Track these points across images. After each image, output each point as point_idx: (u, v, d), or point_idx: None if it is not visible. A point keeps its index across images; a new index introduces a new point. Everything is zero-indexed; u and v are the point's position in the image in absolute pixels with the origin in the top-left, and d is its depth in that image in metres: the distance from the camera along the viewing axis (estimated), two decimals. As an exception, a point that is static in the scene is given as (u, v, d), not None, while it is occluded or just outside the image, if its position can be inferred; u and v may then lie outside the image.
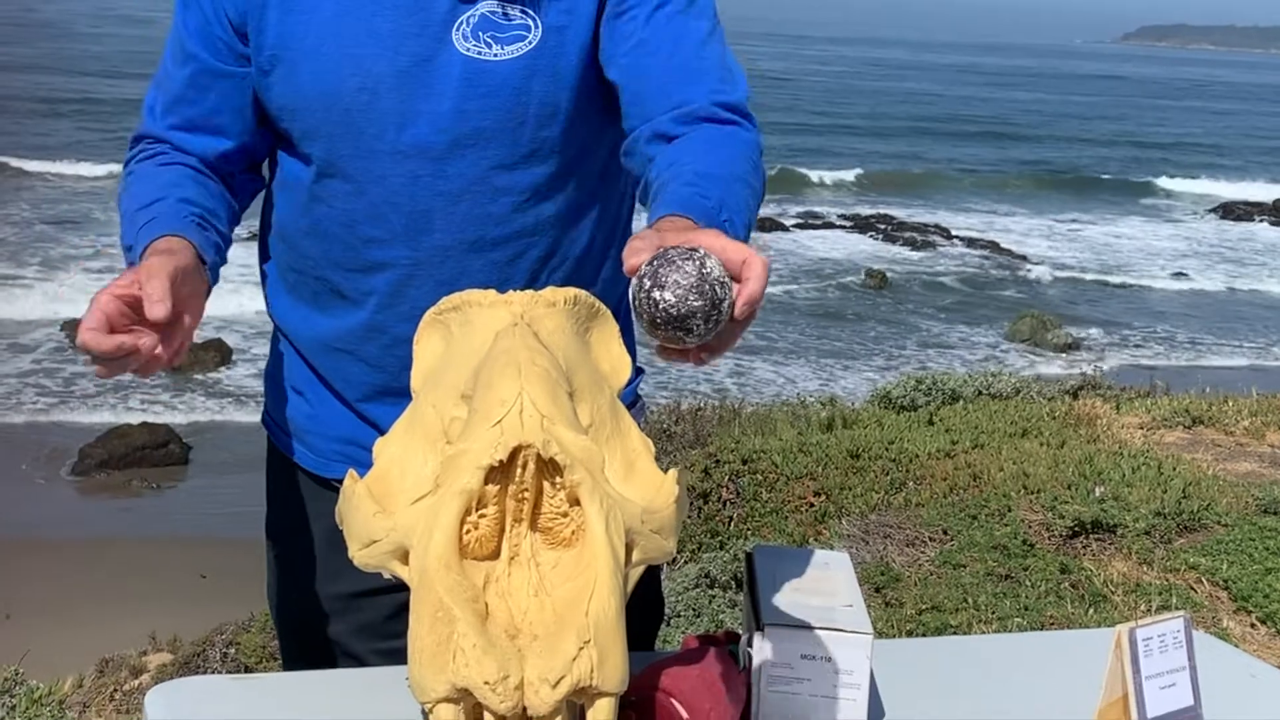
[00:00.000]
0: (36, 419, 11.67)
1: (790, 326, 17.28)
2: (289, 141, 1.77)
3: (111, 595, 7.47)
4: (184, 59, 1.77)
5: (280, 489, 1.99)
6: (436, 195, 1.71)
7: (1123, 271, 23.19)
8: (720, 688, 1.47)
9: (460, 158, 1.70)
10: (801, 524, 5.29)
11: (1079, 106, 57.13)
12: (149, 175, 1.75)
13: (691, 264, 1.17)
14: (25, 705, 2.92)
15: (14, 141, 26.14)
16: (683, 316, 1.16)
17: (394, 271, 1.71)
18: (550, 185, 1.76)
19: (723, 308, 1.17)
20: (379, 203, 1.72)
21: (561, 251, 1.80)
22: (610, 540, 1.27)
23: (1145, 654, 1.57)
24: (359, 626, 1.85)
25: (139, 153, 1.80)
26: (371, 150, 1.70)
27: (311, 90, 1.70)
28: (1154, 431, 6.26)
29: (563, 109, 1.72)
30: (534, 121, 1.71)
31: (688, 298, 1.16)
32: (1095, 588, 4.40)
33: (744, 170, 1.60)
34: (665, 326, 1.17)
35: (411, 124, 1.69)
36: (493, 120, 1.69)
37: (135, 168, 1.78)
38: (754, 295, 1.24)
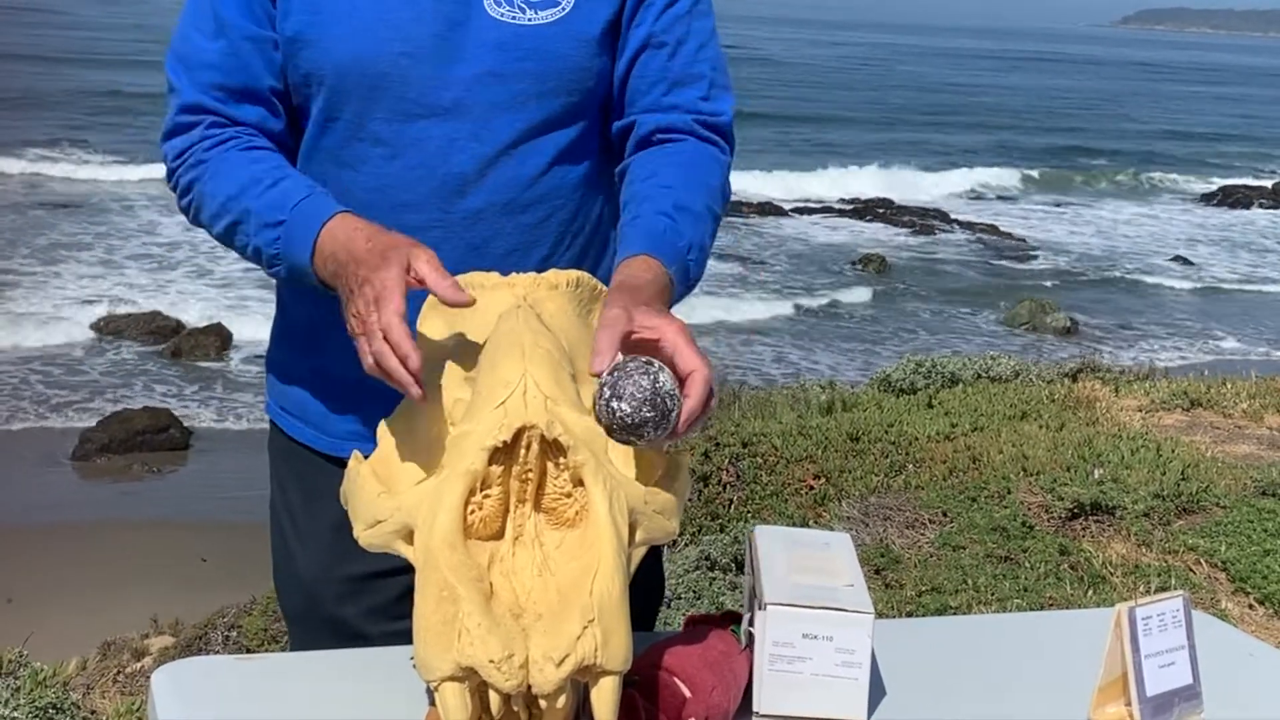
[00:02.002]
0: (38, 404, 11.68)
1: (789, 311, 17.27)
2: (312, 109, 1.76)
3: (113, 579, 7.49)
4: (218, 30, 1.72)
5: (285, 472, 1.98)
6: (471, 158, 1.72)
7: (1121, 256, 23.19)
8: (723, 667, 1.48)
9: (495, 121, 1.72)
10: (801, 507, 5.30)
11: (1079, 90, 57.06)
12: (243, 159, 1.70)
13: (647, 379, 1.32)
14: (30, 687, 2.94)
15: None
16: (635, 425, 1.31)
17: (424, 236, 1.70)
18: (576, 149, 1.79)
19: (671, 417, 1.33)
20: (414, 166, 1.72)
21: (582, 217, 1.83)
22: (614, 520, 1.28)
23: (1144, 633, 1.58)
24: (369, 609, 1.85)
25: (205, 139, 1.73)
26: (407, 114, 1.71)
27: (345, 55, 1.70)
28: (1153, 414, 6.27)
29: (593, 73, 1.77)
30: (566, 85, 1.75)
31: (641, 409, 1.31)
32: (1094, 569, 4.42)
33: (713, 201, 1.75)
34: (620, 432, 1.32)
35: (447, 88, 1.70)
36: (527, 84, 1.72)
37: (211, 154, 1.72)
38: (693, 411, 1.37)
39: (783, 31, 79.93)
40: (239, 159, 1.70)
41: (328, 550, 1.87)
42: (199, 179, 1.72)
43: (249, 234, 1.67)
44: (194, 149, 1.73)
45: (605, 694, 1.24)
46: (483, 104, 1.71)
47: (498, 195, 1.75)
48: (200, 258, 17.53)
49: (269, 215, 1.64)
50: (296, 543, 1.94)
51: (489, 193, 1.74)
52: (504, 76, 1.71)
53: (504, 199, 1.75)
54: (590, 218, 1.85)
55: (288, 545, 1.96)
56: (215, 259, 17.44)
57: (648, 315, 1.44)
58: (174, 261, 17.41)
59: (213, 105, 1.73)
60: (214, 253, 17.75)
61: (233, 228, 1.69)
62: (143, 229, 19.24)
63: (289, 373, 1.93)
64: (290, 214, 1.63)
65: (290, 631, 2.03)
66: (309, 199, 1.64)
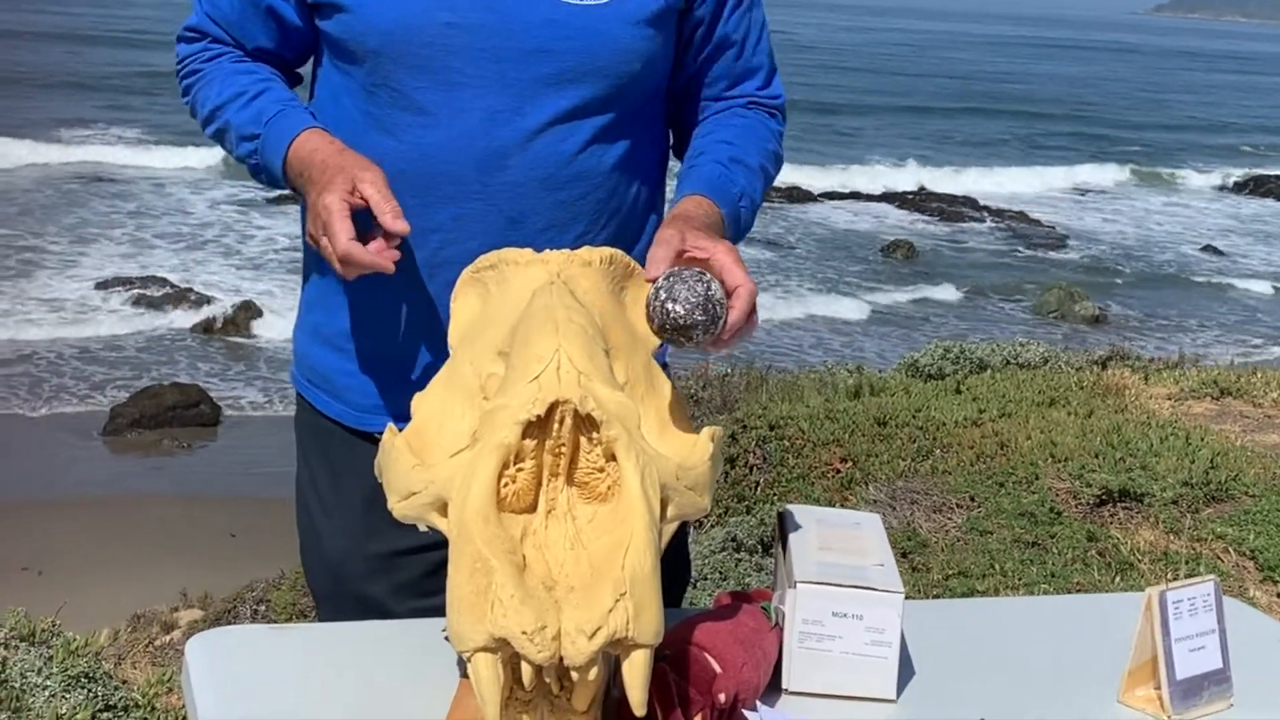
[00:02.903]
0: (68, 379, 11.75)
1: (818, 295, 17.23)
2: (351, 71, 1.79)
3: (143, 553, 7.53)
4: None
5: (311, 447, 1.98)
6: (513, 132, 1.73)
7: (1152, 245, 23.05)
8: (753, 644, 1.49)
9: (539, 97, 1.73)
10: (828, 490, 5.30)
11: (1112, 80, 56.67)
12: (231, 71, 1.84)
13: (700, 285, 1.43)
14: (62, 656, 2.97)
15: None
16: (686, 327, 1.42)
17: (463, 206, 1.72)
18: (615, 131, 1.80)
19: (719, 323, 1.44)
20: (455, 136, 1.73)
21: (618, 199, 1.84)
22: (646, 495, 1.29)
23: (1175, 616, 1.58)
24: (396, 586, 1.86)
25: (203, 50, 1.87)
26: (452, 84, 1.72)
27: (391, 23, 1.72)
28: (1182, 402, 6.24)
29: (640, 57, 1.77)
30: (612, 68, 1.75)
31: (694, 312, 1.42)
32: (1122, 556, 4.41)
33: (767, 160, 1.87)
34: (671, 332, 1.43)
35: (495, 62, 1.72)
36: (574, 63, 1.73)
37: (206, 66, 1.86)
38: (737, 321, 1.50)
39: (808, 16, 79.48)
40: (229, 70, 1.84)
41: (354, 527, 1.88)
42: (194, 85, 1.87)
43: (232, 144, 1.81)
44: (193, 58, 1.88)
45: (637, 667, 1.25)
46: (528, 79, 1.72)
47: (536, 170, 1.75)
48: (230, 236, 17.60)
49: (247, 129, 1.78)
50: (324, 520, 1.94)
51: (528, 167, 1.75)
52: (552, 54, 1.72)
53: (542, 174, 1.76)
54: (626, 199, 1.86)
55: (314, 522, 1.97)
56: (244, 238, 17.52)
57: (699, 236, 1.57)
58: (203, 240, 17.48)
59: (213, 32, 1.87)
60: (243, 232, 17.84)
61: (220, 134, 1.84)
62: (174, 208, 19.33)
63: (315, 345, 1.94)
64: (264, 129, 1.75)
65: (319, 609, 2.03)
66: (280, 114, 1.76)
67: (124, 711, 2.90)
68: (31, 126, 23.49)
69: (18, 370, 11.72)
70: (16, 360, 12.00)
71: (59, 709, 2.79)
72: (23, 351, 12.28)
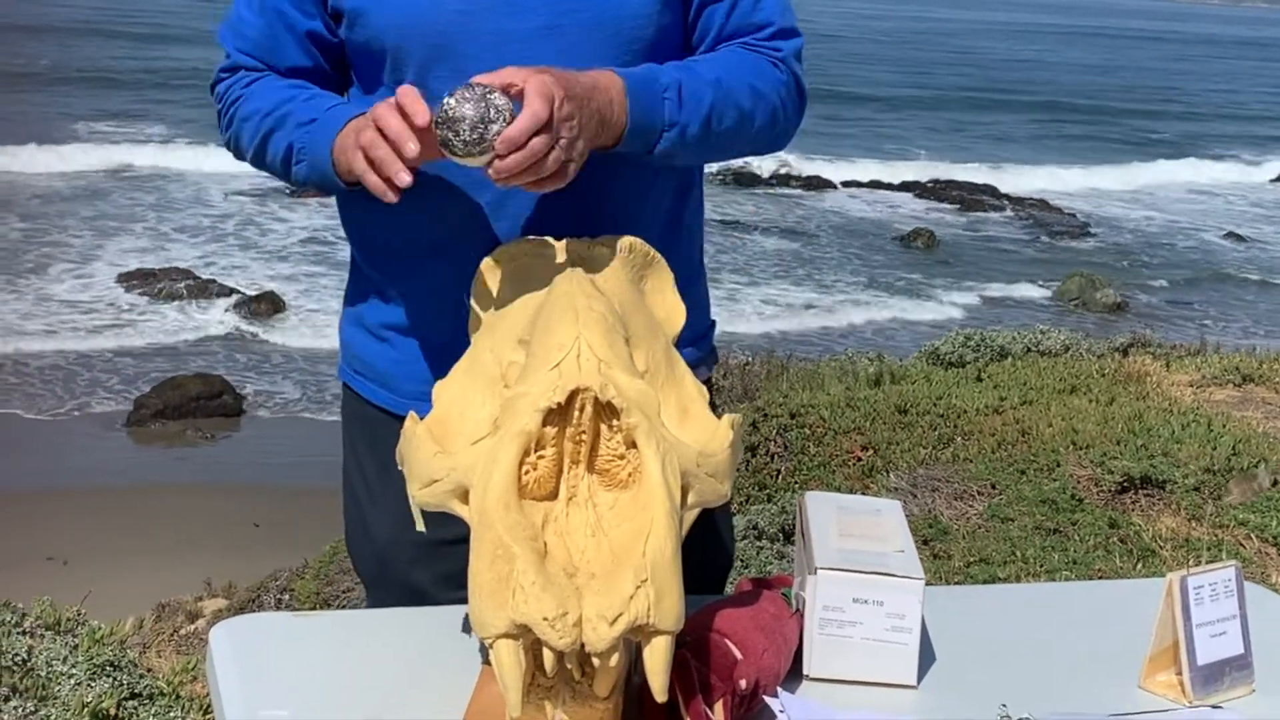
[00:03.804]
0: (92, 370, 11.81)
1: (838, 284, 17.21)
2: (373, 75, 1.80)
3: (167, 542, 7.57)
4: (261, 8, 1.84)
5: (358, 436, 1.99)
6: None
7: (1175, 232, 22.94)
8: (774, 630, 1.50)
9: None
10: (849, 478, 5.30)
11: (1133, 68, 56.36)
12: (273, 86, 1.84)
13: (482, 89, 1.49)
14: (87, 645, 2.99)
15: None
16: (454, 119, 1.47)
17: (492, 191, 1.73)
18: None
19: (489, 126, 1.48)
20: None
21: (640, 174, 1.82)
22: (666, 482, 1.29)
23: (1196, 602, 1.58)
24: (440, 575, 1.85)
25: (240, 78, 1.87)
26: (468, 71, 1.71)
27: (404, 18, 1.73)
28: (1204, 389, 6.21)
29: (652, 24, 1.77)
30: (625, 38, 1.75)
31: (462, 106, 1.48)
32: (1144, 542, 4.40)
33: (734, 82, 1.76)
34: (441, 125, 1.48)
35: (507, 43, 1.72)
36: (585, 36, 1.74)
37: (246, 90, 1.85)
38: (511, 137, 1.49)
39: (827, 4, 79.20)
40: (276, 83, 1.84)
41: (401, 514, 1.88)
42: (237, 110, 1.85)
43: (283, 137, 1.78)
44: (232, 88, 1.87)
45: (658, 653, 1.25)
46: (543, 58, 1.71)
47: None
48: (251, 229, 17.65)
49: (304, 115, 1.77)
50: (371, 507, 1.95)
51: None
52: (562, 29, 1.73)
53: None
54: (647, 174, 1.84)
55: (361, 509, 1.98)
56: (265, 231, 17.56)
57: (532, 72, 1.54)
58: (224, 233, 17.53)
59: (246, 64, 1.87)
60: (264, 225, 17.88)
61: (268, 135, 1.80)
62: (195, 200, 19.38)
63: (361, 334, 1.95)
64: (324, 114, 1.74)
65: (367, 594, 2.05)
66: (341, 105, 1.77)
67: (149, 700, 2.91)
68: (52, 122, 23.59)
69: (45, 363, 11.79)
70: (40, 353, 12.06)
71: (84, 697, 2.81)
72: (45, 344, 12.34)
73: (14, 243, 15.80)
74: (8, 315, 12.88)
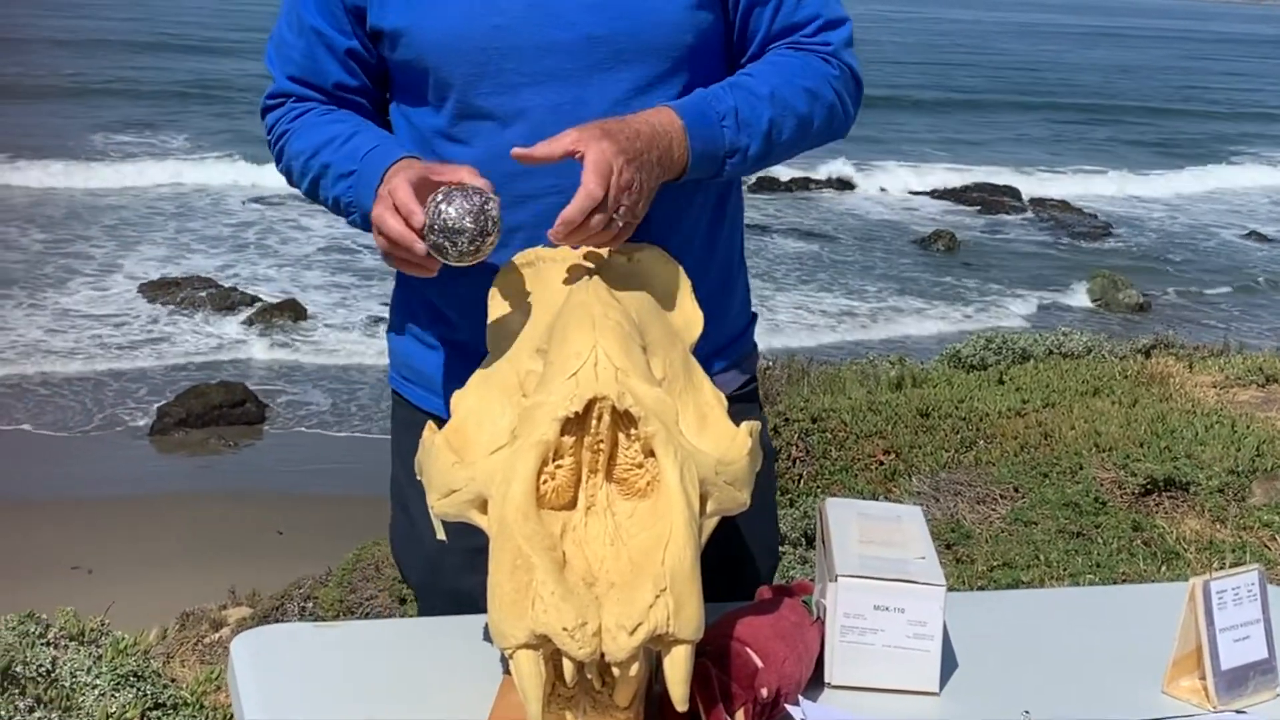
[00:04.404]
0: (115, 379, 11.86)
1: (859, 287, 17.17)
2: (418, 93, 1.82)
3: (191, 551, 7.58)
4: (300, 30, 1.86)
5: (407, 444, 1.98)
6: (578, 122, 1.71)
7: (1198, 232, 22.83)
8: (794, 638, 1.49)
9: (597, 83, 1.75)
10: (871, 482, 5.29)
11: (1154, 69, 56.12)
12: (314, 125, 1.85)
13: (479, 198, 1.50)
14: (111, 655, 3.00)
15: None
16: (454, 230, 1.48)
17: (541, 203, 1.73)
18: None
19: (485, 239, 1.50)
20: (523, 135, 1.73)
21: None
22: (685, 490, 1.29)
23: (1219, 606, 1.57)
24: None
25: (288, 111, 1.89)
26: (511, 85, 1.74)
27: (444, 36, 1.74)
28: (1227, 390, 6.18)
29: (690, 28, 1.77)
30: (664, 43, 1.76)
31: (463, 219, 1.48)
32: (1168, 545, 4.38)
33: (790, 92, 1.77)
34: (439, 233, 1.49)
35: (547, 54, 1.73)
36: (624, 44, 1.74)
37: (293, 125, 1.88)
38: (566, 218, 1.53)
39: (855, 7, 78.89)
40: (317, 121, 1.85)
41: (448, 521, 1.89)
42: (286, 145, 1.88)
43: (328, 186, 1.81)
44: (280, 121, 1.89)
45: (678, 662, 1.25)
46: (583, 68, 1.73)
47: None
48: (271, 238, 17.71)
49: (343, 166, 1.77)
50: (423, 517, 1.96)
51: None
52: (601, 39, 1.73)
53: None
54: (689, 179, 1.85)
55: (411, 516, 1.98)
56: (286, 239, 17.61)
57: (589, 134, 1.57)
58: (245, 241, 17.59)
59: (295, 91, 1.89)
60: (285, 233, 17.94)
61: (315, 183, 1.83)
62: (215, 209, 19.45)
63: (410, 343, 1.97)
64: (360, 164, 1.75)
65: (418, 602, 2.06)
66: (377, 149, 1.75)
67: (173, 710, 2.92)
68: (72, 133, 23.71)
69: (69, 373, 11.84)
70: (62, 363, 12.11)
71: (108, 708, 2.82)
72: (68, 356, 12.40)
73: (35, 254, 15.88)
74: (30, 329, 12.94)
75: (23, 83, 28.01)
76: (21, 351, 12.16)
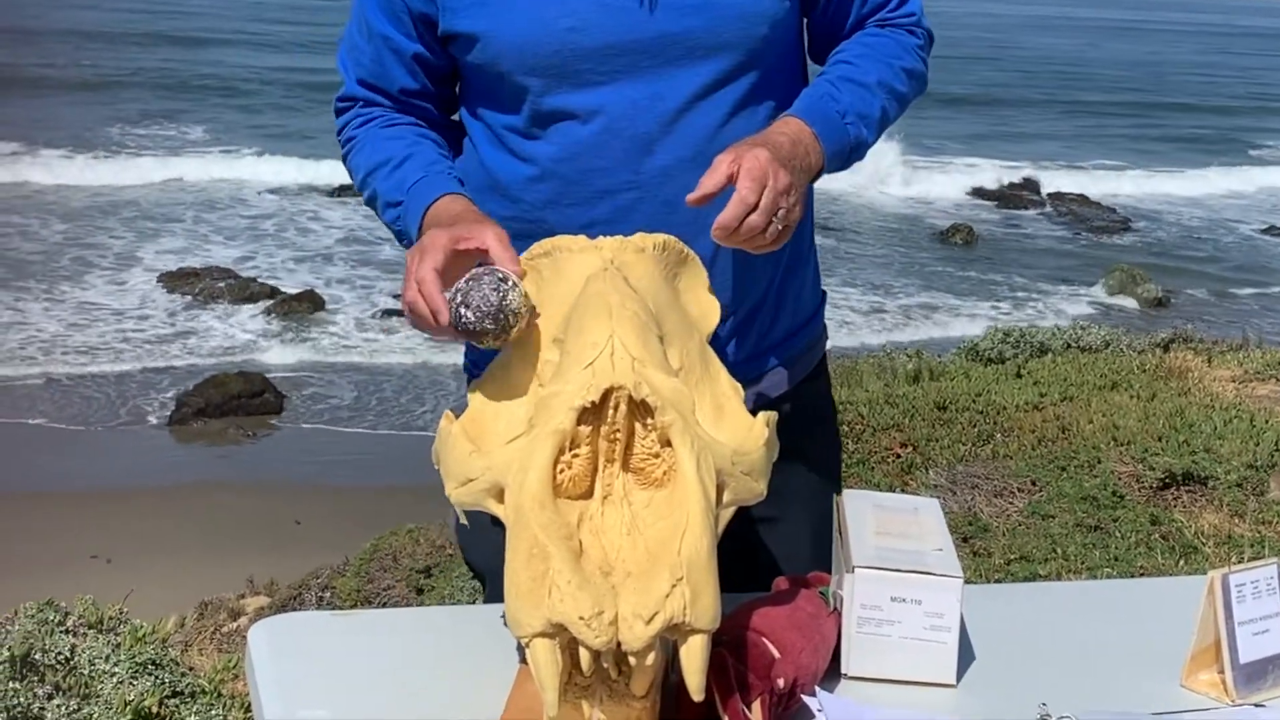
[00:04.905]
0: (134, 369, 11.91)
1: (876, 281, 17.15)
2: (493, 95, 1.82)
3: (210, 540, 7.62)
4: (369, 35, 1.88)
5: None
6: (654, 117, 1.75)
7: (1217, 226, 22.73)
8: (811, 629, 1.49)
9: (673, 78, 1.75)
10: (888, 474, 5.28)
11: (1170, 63, 55.85)
12: (371, 142, 1.88)
13: (496, 295, 1.48)
14: (130, 643, 3.01)
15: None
16: (476, 333, 1.49)
17: (618, 198, 1.75)
18: (756, 96, 1.81)
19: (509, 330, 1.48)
20: (600, 132, 1.76)
21: None
22: (702, 480, 1.29)
23: (1238, 600, 1.56)
24: None
25: (354, 117, 1.92)
26: (587, 84, 1.75)
27: (518, 41, 1.75)
28: (1246, 384, 6.16)
29: (766, 20, 1.78)
30: (738, 35, 1.76)
31: (483, 321, 1.47)
32: (1186, 539, 4.36)
33: (892, 76, 1.84)
34: (462, 334, 1.51)
35: (621, 53, 1.74)
36: (699, 38, 1.75)
37: (357, 134, 1.91)
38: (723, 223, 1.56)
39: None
40: (378, 136, 1.89)
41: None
42: (351, 154, 1.92)
43: (380, 210, 1.85)
44: (348, 127, 1.93)
45: (694, 652, 1.25)
46: (659, 64, 1.74)
47: (684, 150, 1.77)
48: (290, 230, 17.75)
49: (391, 196, 1.81)
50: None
51: (675, 148, 1.77)
52: (675, 34, 1.74)
53: (690, 153, 1.76)
54: None
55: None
56: (304, 231, 17.66)
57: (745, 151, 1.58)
58: (263, 233, 17.64)
59: (362, 95, 1.92)
60: (302, 225, 17.98)
61: (372, 202, 1.88)
62: (234, 201, 19.50)
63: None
64: (406, 195, 1.78)
65: (485, 588, 2.06)
66: (421, 180, 1.78)
67: (190, 698, 2.93)
68: (90, 126, 23.77)
69: (88, 364, 11.89)
70: (83, 354, 12.17)
71: (127, 696, 2.83)
72: (87, 342, 12.45)
73: (53, 246, 15.95)
74: (50, 323, 12.99)
75: (40, 75, 28.10)
76: (42, 347, 12.22)
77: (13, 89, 25.68)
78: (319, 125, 23.43)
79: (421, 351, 12.33)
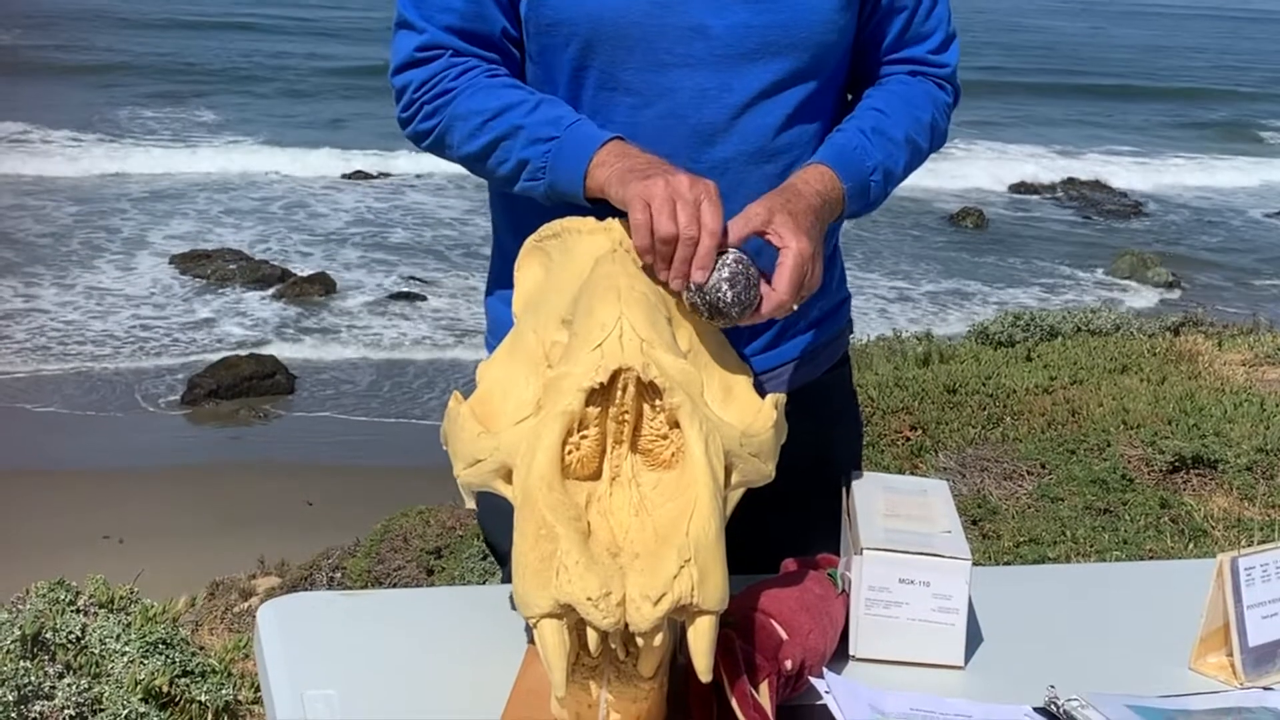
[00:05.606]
0: (147, 350, 11.94)
1: (887, 264, 17.12)
2: (555, 60, 1.77)
3: (221, 521, 7.64)
4: None
5: None
6: (721, 108, 1.73)
7: (1227, 210, 22.66)
8: (819, 610, 1.49)
9: (745, 71, 1.73)
10: (898, 457, 5.28)
11: (1185, 47, 55.60)
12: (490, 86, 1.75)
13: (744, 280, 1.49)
14: (140, 622, 3.02)
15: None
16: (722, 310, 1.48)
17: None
18: (815, 102, 1.80)
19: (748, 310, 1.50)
20: (664, 115, 1.73)
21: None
22: (710, 462, 1.29)
23: (1247, 583, 1.56)
24: None
25: (448, 68, 1.77)
26: (660, 64, 1.72)
27: (598, 8, 1.71)
28: (1256, 368, 6.15)
29: (836, 27, 1.77)
30: (812, 38, 1.75)
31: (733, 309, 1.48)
32: (1195, 523, 4.36)
33: (918, 132, 1.84)
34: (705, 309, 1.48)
35: (701, 38, 1.72)
36: (776, 35, 1.73)
37: (458, 83, 1.76)
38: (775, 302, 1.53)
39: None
40: (491, 83, 1.75)
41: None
42: (447, 104, 1.76)
43: (514, 148, 1.70)
44: (438, 77, 1.76)
45: (702, 633, 1.25)
46: (734, 55, 1.72)
47: (745, 145, 1.75)
48: (300, 212, 17.77)
49: (541, 131, 1.68)
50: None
51: (737, 142, 1.75)
52: (755, 28, 1.72)
53: (751, 149, 1.76)
54: None
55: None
56: (314, 214, 17.67)
57: (785, 225, 1.56)
58: (274, 215, 17.66)
59: (453, 44, 1.77)
60: (315, 209, 17.99)
61: (493, 143, 1.72)
62: (245, 184, 19.52)
63: (505, 308, 1.95)
64: (564, 132, 1.67)
65: (503, 571, 2.06)
66: (581, 121, 1.69)
67: (201, 677, 2.95)
68: (99, 110, 23.80)
69: (101, 349, 11.92)
70: (97, 336, 12.20)
71: (137, 674, 2.84)
72: (101, 324, 12.48)
73: (66, 228, 15.99)
74: (60, 307, 13.02)
75: (50, 59, 28.11)
76: (55, 332, 12.25)
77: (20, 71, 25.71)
78: (331, 110, 23.45)
79: (434, 333, 12.35)
